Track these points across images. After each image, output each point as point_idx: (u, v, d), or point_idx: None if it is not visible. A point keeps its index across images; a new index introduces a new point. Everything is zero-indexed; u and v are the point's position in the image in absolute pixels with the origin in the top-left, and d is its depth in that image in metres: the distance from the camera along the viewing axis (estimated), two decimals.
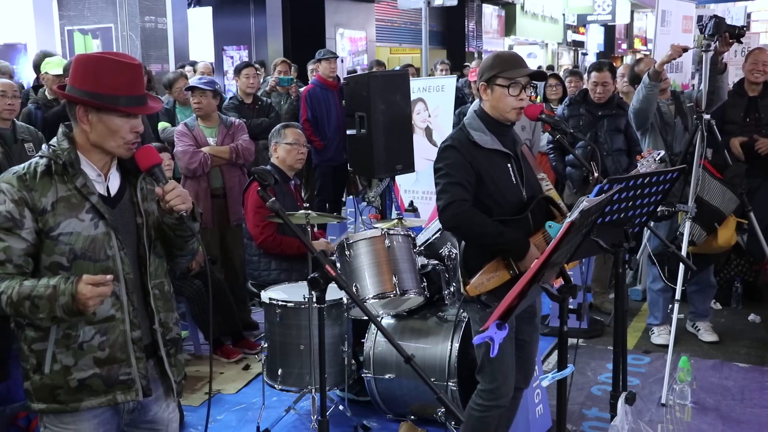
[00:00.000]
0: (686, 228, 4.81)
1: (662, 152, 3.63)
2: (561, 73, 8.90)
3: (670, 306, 5.05)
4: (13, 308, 2.24)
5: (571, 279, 2.90)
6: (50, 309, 2.21)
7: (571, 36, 30.82)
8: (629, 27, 33.96)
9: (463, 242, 3.23)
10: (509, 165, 3.28)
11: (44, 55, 6.46)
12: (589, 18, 28.44)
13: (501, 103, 3.25)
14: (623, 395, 3.11)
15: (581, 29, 31.04)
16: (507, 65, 3.26)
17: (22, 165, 2.36)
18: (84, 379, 2.35)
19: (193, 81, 5.87)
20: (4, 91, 4.79)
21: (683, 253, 4.67)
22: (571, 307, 2.88)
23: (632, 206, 3.10)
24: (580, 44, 31.62)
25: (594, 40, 32.20)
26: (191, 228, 2.44)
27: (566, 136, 3.81)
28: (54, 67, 6.05)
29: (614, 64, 6.49)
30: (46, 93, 6.07)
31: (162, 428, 2.62)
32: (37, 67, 6.56)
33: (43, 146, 2.41)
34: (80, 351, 2.35)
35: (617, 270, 3.15)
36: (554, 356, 5.24)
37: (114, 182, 2.45)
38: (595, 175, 3.92)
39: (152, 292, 2.49)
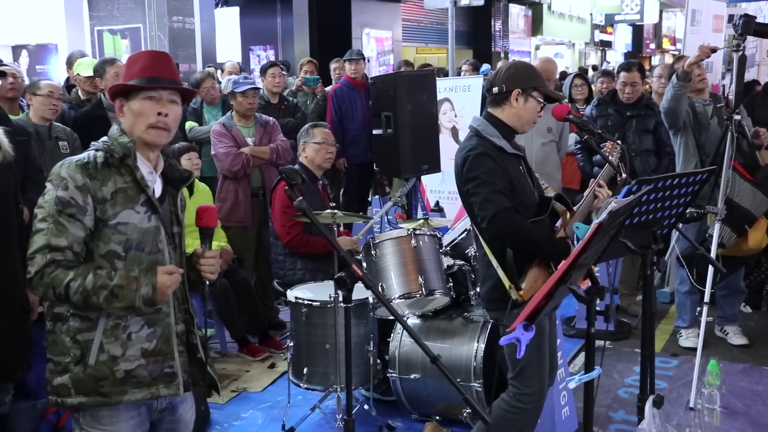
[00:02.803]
0: (716, 230, 4.75)
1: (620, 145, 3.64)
2: (590, 74, 8.84)
3: (699, 309, 5.00)
4: (82, 296, 2.25)
5: (599, 280, 2.88)
6: (130, 299, 2.26)
7: (599, 36, 30.59)
8: (658, 26, 33.61)
9: (509, 250, 3.12)
10: (521, 167, 3.28)
11: (80, 56, 6.55)
12: (616, 17, 28.18)
13: (529, 115, 3.25)
14: (651, 398, 3.08)
15: (609, 29, 30.80)
16: (543, 81, 3.30)
17: (80, 155, 2.40)
18: (130, 370, 2.38)
19: (236, 80, 5.85)
20: (51, 92, 4.90)
21: (712, 255, 4.62)
22: (598, 308, 2.86)
23: (661, 208, 3.07)
24: (608, 44, 31.38)
25: (622, 39, 31.94)
26: (203, 292, 2.56)
27: (594, 136, 3.79)
28: (85, 68, 6.13)
29: (643, 64, 6.44)
30: (79, 93, 6.15)
31: (183, 429, 2.65)
32: (69, 67, 6.65)
33: (96, 142, 2.44)
34: (128, 341, 2.38)
35: (645, 272, 3.13)
36: (580, 358, 5.21)
37: (157, 187, 2.51)
38: (624, 175, 3.90)
39: (188, 298, 2.55)
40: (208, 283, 2.49)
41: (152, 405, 2.50)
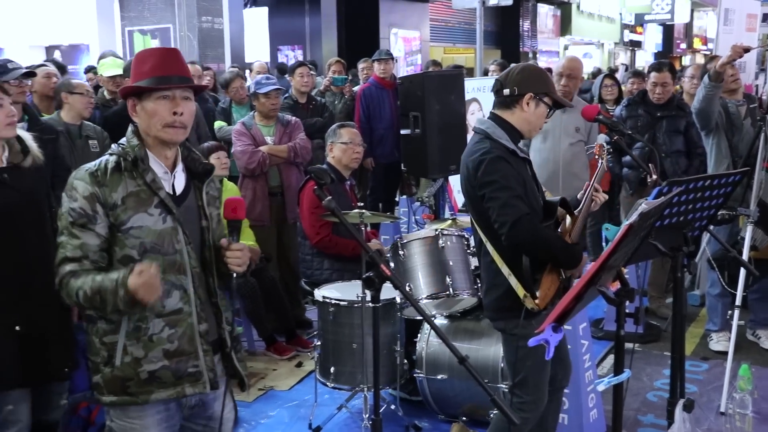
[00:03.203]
0: (748, 232, 4.69)
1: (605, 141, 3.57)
2: (620, 73, 8.77)
3: (730, 312, 4.93)
4: (88, 303, 2.31)
5: (628, 282, 2.86)
6: (114, 302, 2.27)
7: (628, 36, 30.32)
8: (689, 26, 33.25)
9: (525, 258, 3.07)
10: (529, 171, 3.24)
11: (111, 56, 6.63)
12: (646, 17, 27.93)
13: (538, 120, 3.20)
14: (681, 402, 3.05)
15: (638, 29, 30.52)
16: (554, 87, 3.24)
17: (94, 162, 2.43)
18: (154, 371, 2.41)
19: (259, 80, 5.88)
20: (88, 90, 5.00)
21: (744, 258, 4.56)
22: (627, 311, 2.83)
23: (692, 209, 3.04)
24: (637, 44, 31.10)
25: (652, 39, 31.63)
26: (230, 285, 2.53)
27: (624, 137, 3.76)
28: (107, 68, 6.19)
29: (674, 64, 6.37)
30: (105, 93, 6.22)
31: (217, 427, 2.66)
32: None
33: (113, 145, 2.47)
34: (150, 343, 2.40)
35: (676, 274, 3.09)
36: (608, 360, 5.17)
37: (179, 182, 2.51)
38: (654, 176, 3.87)
39: (217, 292, 2.55)
40: (235, 275, 2.48)
41: (182, 401, 2.52)
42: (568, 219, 3.25)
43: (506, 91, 3.16)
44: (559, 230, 3.27)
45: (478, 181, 3.08)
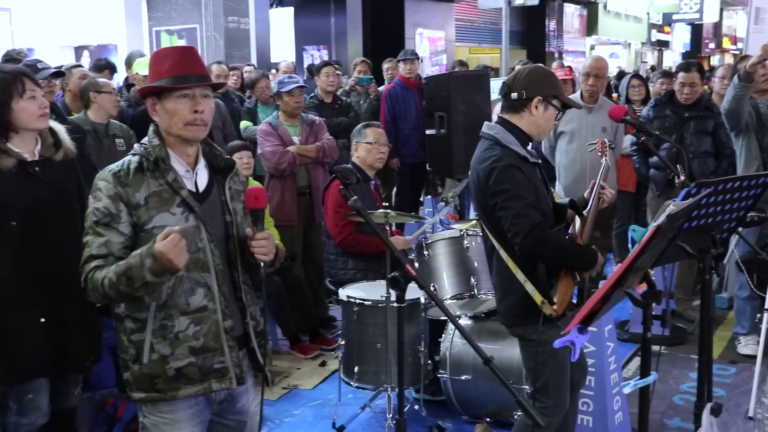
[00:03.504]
0: None
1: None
2: (646, 73, 8.70)
3: (758, 315, 4.87)
4: (114, 289, 2.31)
5: (655, 284, 2.83)
6: (141, 276, 2.26)
7: (656, 35, 30.04)
8: (718, 25, 32.87)
9: (541, 265, 3.06)
10: (539, 175, 3.20)
11: (139, 55, 6.69)
12: (674, 17, 27.63)
13: (547, 124, 3.17)
14: (708, 406, 3.02)
15: (666, 28, 30.23)
16: (562, 89, 3.20)
17: (117, 163, 2.46)
18: (181, 368, 2.44)
19: (281, 79, 5.91)
20: (114, 89, 5.08)
21: None
22: (654, 313, 2.81)
23: (721, 211, 3.00)
24: (665, 44, 30.81)
25: (680, 39, 31.32)
26: (259, 274, 2.53)
27: (651, 137, 3.73)
28: (143, 67, 6.26)
29: (702, 64, 6.31)
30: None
31: (247, 420, 2.69)
32: (128, 66, 6.80)
33: (135, 145, 2.50)
34: (176, 341, 2.43)
35: (704, 276, 3.06)
36: (634, 363, 5.13)
37: (202, 179, 2.53)
38: (682, 178, 3.83)
39: (242, 287, 2.57)
40: (263, 265, 2.49)
41: (210, 397, 2.55)
42: (578, 221, 3.23)
43: (514, 95, 3.11)
44: (570, 231, 3.25)
45: (490, 190, 3.05)
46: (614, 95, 9.34)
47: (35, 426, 3.31)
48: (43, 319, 3.20)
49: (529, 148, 3.21)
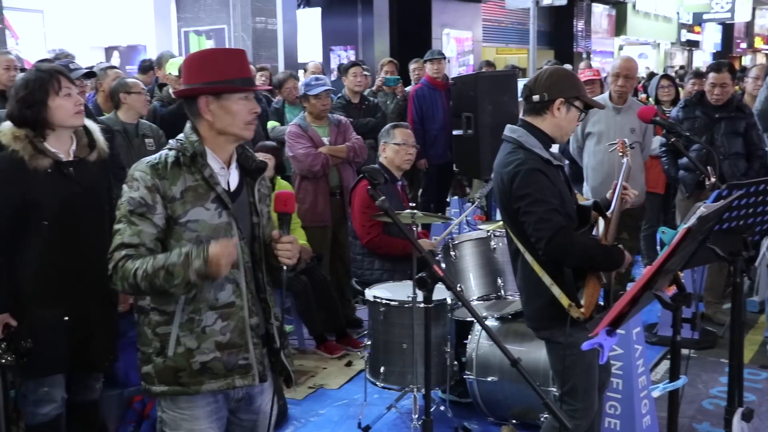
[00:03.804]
0: None
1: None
2: (677, 74, 8.61)
3: None
4: (147, 281, 2.33)
5: (685, 287, 2.81)
6: (184, 274, 2.30)
7: (686, 35, 29.70)
8: (750, 25, 32.40)
9: (567, 269, 3.05)
10: (562, 177, 3.18)
11: (169, 56, 6.75)
12: (705, 16, 27.29)
13: (570, 125, 3.14)
14: (740, 411, 2.99)
15: (696, 28, 29.86)
16: (584, 89, 3.18)
17: (154, 155, 2.49)
18: (206, 362, 2.46)
19: (308, 81, 5.92)
20: (143, 89, 5.11)
21: None
22: (683, 316, 2.78)
23: (753, 213, 2.97)
24: (695, 44, 30.46)
25: (710, 39, 30.93)
26: (280, 279, 2.53)
27: (681, 138, 3.69)
28: (175, 67, 6.30)
29: (733, 64, 6.22)
30: (170, 91, 6.34)
31: (263, 421, 2.71)
32: (159, 66, 6.87)
33: (170, 141, 2.53)
34: (203, 335, 2.45)
35: (735, 279, 3.03)
36: (662, 366, 5.09)
37: (233, 178, 2.56)
38: (712, 179, 3.79)
39: (266, 288, 2.59)
40: (285, 268, 2.50)
41: (229, 394, 2.57)
42: (602, 222, 3.21)
43: (536, 97, 3.09)
44: (594, 233, 3.23)
45: (514, 194, 3.03)
46: (642, 96, 9.26)
47: (50, 416, 3.37)
48: (66, 318, 3.25)
49: (555, 149, 3.19)
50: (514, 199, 3.03)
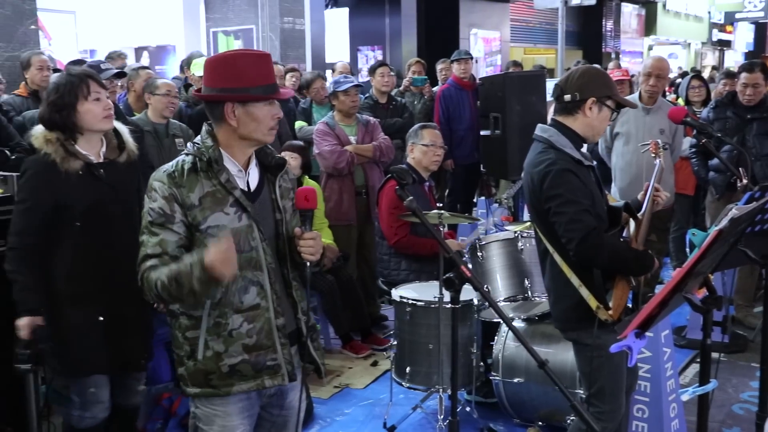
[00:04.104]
0: None
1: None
2: (706, 74, 8.51)
3: None
4: (166, 292, 2.35)
5: (716, 290, 2.77)
6: (189, 284, 2.29)
7: (717, 35, 29.34)
8: None
9: (596, 270, 3.02)
10: (593, 178, 3.15)
11: (198, 56, 6.80)
12: (737, 15, 26.93)
13: (602, 125, 3.12)
14: None
15: (728, 27, 29.48)
16: (616, 89, 3.15)
17: (171, 163, 2.50)
18: (234, 365, 2.48)
19: (337, 79, 5.95)
20: (169, 91, 5.10)
21: None
22: (714, 319, 2.74)
23: None
24: (726, 44, 30.07)
25: (742, 38, 30.52)
26: (305, 274, 2.53)
27: (712, 139, 3.65)
28: (200, 68, 6.33)
29: (766, 64, 6.13)
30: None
31: (291, 416, 2.73)
32: (188, 67, 6.92)
33: (188, 144, 2.55)
34: (230, 338, 2.47)
35: (766, 283, 2.98)
36: (691, 369, 5.04)
37: (253, 178, 2.56)
38: (744, 180, 3.74)
39: (293, 283, 2.60)
40: (309, 264, 2.51)
41: (261, 391, 2.59)
42: (632, 224, 3.18)
43: (567, 97, 3.07)
44: (624, 235, 3.19)
45: (544, 194, 3.02)
46: (672, 96, 9.16)
47: (97, 419, 3.40)
48: (101, 318, 3.28)
49: (584, 150, 3.17)
50: (545, 199, 3.02)
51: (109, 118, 3.29)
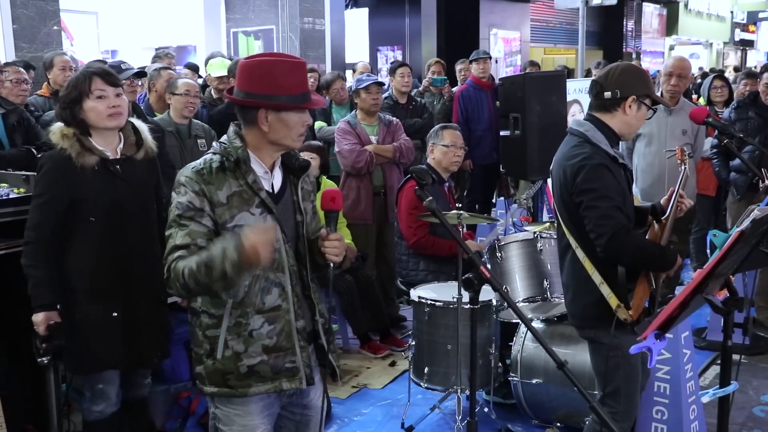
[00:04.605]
0: None
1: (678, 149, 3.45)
2: (728, 74, 8.44)
3: None
4: (193, 279, 2.31)
5: (737, 291, 2.75)
6: (221, 268, 2.26)
7: (739, 35, 29.07)
8: None
9: (621, 268, 2.99)
10: (626, 177, 3.13)
11: (213, 57, 6.84)
12: (761, 15, 26.69)
13: (638, 123, 3.11)
14: None
15: (751, 27, 29.21)
16: (653, 87, 3.14)
17: (198, 161, 2.51)
18: (253, 366, 2.49)
19: (359, 78, 5.97)
20: (188, 91, 5.08)
21: None
22: (735, 321, 2.72)
23: None
24: (749, 43, 29.79)
25: (766, 38, 30.22)
26: (328, 275, 2.53)
27: (734, 140, 3.62)
28: (215, 68, 6.37)
29: None
30: (212, 92, 6.41)
31: (314, 415, 2.73)
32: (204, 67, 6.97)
33: (214, 144, 2.55)
34: (250, 338, 2.48)
35: None
36: (711, 371, 5.00)
37: (277, 179, 2.58)
38: (766, 181, 3.71)
39: (311, 285, 2.61)
40: (333, 265, 2.52)
41: (280, 392, 2.59)
42: (655, 224, 3.16)
43: (607, 94, 3.06)
44: (647, 237, 3.18)
45: (577, 188, 2.99)
46: (693, 96, 9.09)
47: (105, 414, 3.42)
48: (115, 314, 3.30)
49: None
50: (577, 192, 3.00)
51: (114, 116, 3.26)
